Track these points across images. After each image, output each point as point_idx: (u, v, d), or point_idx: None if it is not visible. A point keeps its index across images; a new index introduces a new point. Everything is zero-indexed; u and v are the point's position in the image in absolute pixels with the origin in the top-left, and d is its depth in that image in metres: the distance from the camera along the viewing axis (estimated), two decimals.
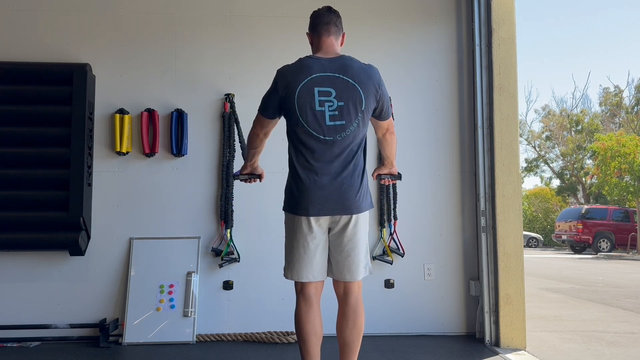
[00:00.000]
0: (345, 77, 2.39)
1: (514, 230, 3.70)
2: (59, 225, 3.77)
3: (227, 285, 3.97)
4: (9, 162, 3.83)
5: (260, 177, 2.74)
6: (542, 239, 23.88)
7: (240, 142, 4.02)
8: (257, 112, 2.55)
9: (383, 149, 2.71)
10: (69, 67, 3.92)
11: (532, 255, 16.28)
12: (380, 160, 4.00)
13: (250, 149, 2.64)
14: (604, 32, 46.72)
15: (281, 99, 2.42)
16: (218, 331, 3.91)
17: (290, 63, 2.48)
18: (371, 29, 4.19)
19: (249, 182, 2.76)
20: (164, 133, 4.03)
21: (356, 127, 2.40)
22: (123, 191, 4.00)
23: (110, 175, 4.00)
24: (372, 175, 2.78)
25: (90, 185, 3.93)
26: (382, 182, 2.85)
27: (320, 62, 2.42)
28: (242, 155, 3.95)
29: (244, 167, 2.71)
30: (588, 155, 25.84)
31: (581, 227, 18.04)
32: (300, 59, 2.48)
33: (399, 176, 2.84)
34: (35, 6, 4.06)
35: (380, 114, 2.51)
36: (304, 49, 2.72)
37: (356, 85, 2.39)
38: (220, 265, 3.92)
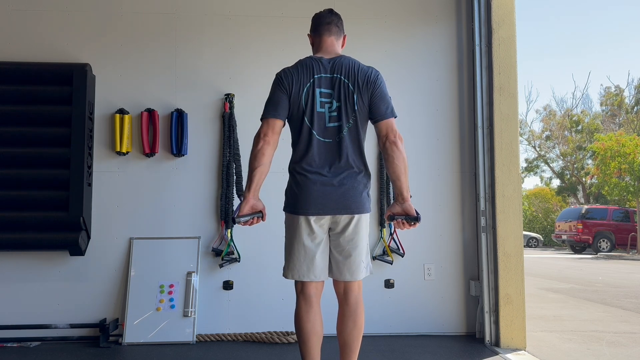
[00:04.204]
0: (341, 77, 2.40)
1: (514, 230, 3.70)
2: (59, 225, 3.77)
3: (227, 285, 3.97)
4: (9, 162, 3.83)
5: (262, 214, 2.42)
6: (542, 239, 23.88)
7: (235, 160, 3.97)
8: (262, 120, 2.39)
9: (386, 168, 2.42)
10: (69, 67, 3.92)
11: (532, 255, 16.29)
12: (382, 169, 4.09)
13: (258, 168, 2.33)
14: (604, 32, 46.77)
15: (289, 98, 2.39)
16: (218, 331, 3.91)
17: (288, 66, 2.47)
18: (371, 29, 4.19)
19: (252, 223, 2.40)
20: (164, 133, 4.03)
21: (352, 127, 2.39)
22: (123, 191, 4.00)
23: (110, 175, 4.01)
24: (385, 216, 2.50)
25: (90, 185, 3.93)
26: (396, 224, 2.40)
27: (321, 63, 2.43)
28: (238, 194, 3.89)
29: (244, 202, 2.36)
30: (588, 155, 25.85)
31: (581, 227, 18.05)
32: (300, 60, 2.47)
33: (416, 218, 2.33)
34: (35, 6, 4.06)
35: (373, 112, 2.40)
36: (304, 49, 2.72)
37: (349, 83, 2.39)
38: (221, 265, 3.92)
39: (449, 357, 3.45)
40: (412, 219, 2.35)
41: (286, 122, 2.47)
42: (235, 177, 3.97)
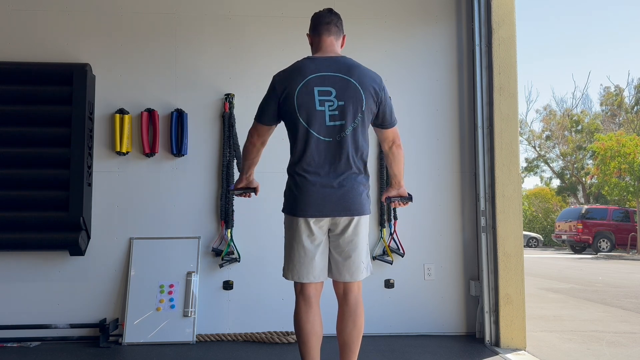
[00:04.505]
0: (347, 77, 2.38)
1: (514, 230, 3.70)
2: (59, 225, 3.77)
3: (227, 285, 3.97)
4: (9, 162, 3.83)
5: (255, 190, 2.68)
6: (542, 239, 23.88)
7: (235, 150, 3.99)
8: (253, 121, 2.52)
9: (390, 166, 2.61)
10: (69, 67, 3.92)
11: (532, 255, 16.29)
12: (381, 169, 4.10)
13: (246, 161, 2.59)
14: (604, 32, 46.77)
15: (280, 103, 2.41)
16: (218, 331, 3.91)
17: (285, 68, 2.48)
18: (371, 29, 4.19)
19: (245, 196, 2.71)
20: (164, 133, 4.03)
21: (355, 127, 2.38)
22: (123, 191, 4.00)
23: (110, 175, 4.00)
24: (382, 198, 2.70)
25: (90, 185, 3.93)
26: (392, 205, 2.72)
27: (319, 62, 2.42)
28: (237, 167, 3.96)
29: (239, 181, 2.66)
30: (588, 155, 25.85)
31: (581, 227, 18.05)
32: (297, 61, 2.47)
33: (409, 198, 2.70)
34: (35, 6, 4.06)
35: (382, 120, 2.48)
36: (304, 49, 2.72)
37: (357, 85, 2.38)
38: (221, 265, 3.92)
39: (449, 357, 3.45)
40: (406, 199, 2.69)
41: (282, 123, 2.49)
42: (235, 161, 4.01)
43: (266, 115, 2.47)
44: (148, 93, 4.06)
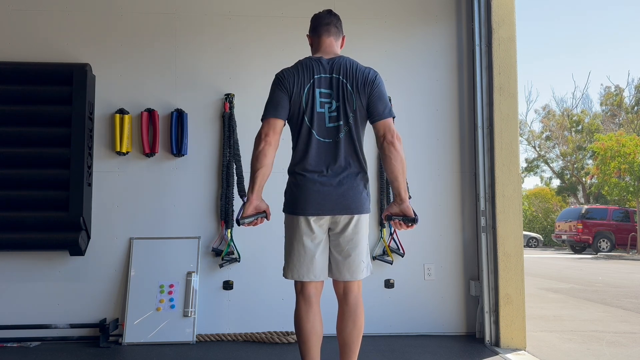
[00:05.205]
0: (339, 77, 2.40)
1: (514, 230, 3.70)
2: (59, 225, 3.77)
3: (227, 285, 3.97)
4: (9, 162, 3.83)
5: (266, 214, 2.43)
6: (542, 239, 23.88)
7: (236, 160, 3.95)
8: (262, 121, 2.39)
9: (385, 169, 2.39)
10: (69, 67, 3.92)
11: (532, 255, 16.29)
12: (381, 169, 4.10)
13: (260, 169, 2.33)
14: (604, 32, 46.78)
15: (290, 98, 2.39)
16: (218, 331, 3.91)
17: (287, 67, 2.47)
18: (371, 29, 4.19)
19: (256, 223, 2.40)
20: (164, 133, 4.03)
21: (350, 127, 2.39)
22: (123, 191, 4.00)
23: (110, 175, 4.01)
24: (382, 215, 2.44)
25: (90, 185, 3.93)
26: (393, 224, 2.38)
27: (321, 63, 2.43)
28: (241, 196, 3.85)
29: (248, 204, 2.36)
30: (588, 155, 25.86)
31: (581, 227, 18.05)
32: (299, 61, 2.47)
33: (414, 219, 2.30)
34: (36, 6, 4.06)
35: (370, 112, 2.40)
36: (304, 49, 2.72)
37: (347, 83, 2.39)
38: (221, 265, 3.92)
39: (449, 357, 3.45)
40: (410, 220, 2.34)
41: (286, 123, 2.47)
42: (235, 177, 3.96)
43: (281, 108, 2.37)
44: (148, 93, 4.06)
